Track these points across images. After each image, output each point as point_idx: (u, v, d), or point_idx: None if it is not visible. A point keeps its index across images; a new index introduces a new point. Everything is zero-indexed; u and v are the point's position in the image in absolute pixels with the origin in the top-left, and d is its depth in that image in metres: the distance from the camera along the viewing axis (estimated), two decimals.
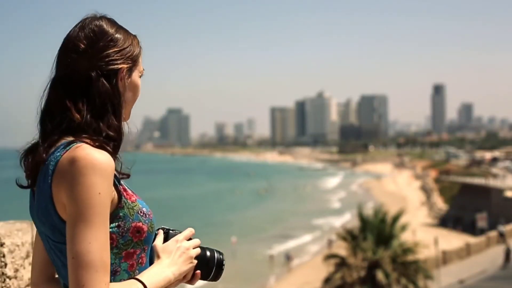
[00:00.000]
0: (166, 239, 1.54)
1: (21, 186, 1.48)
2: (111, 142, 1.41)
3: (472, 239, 38.14)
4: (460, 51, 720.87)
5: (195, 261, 1.53)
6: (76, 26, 1.48)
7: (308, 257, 40.47)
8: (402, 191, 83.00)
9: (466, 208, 51.92)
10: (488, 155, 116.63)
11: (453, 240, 40.72)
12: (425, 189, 78.26)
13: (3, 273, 2.33)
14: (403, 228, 24.19)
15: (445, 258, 32.41)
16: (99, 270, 1.26)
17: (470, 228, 45.14)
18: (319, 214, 61.33)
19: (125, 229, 1.39)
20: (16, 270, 2.41)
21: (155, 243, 1.51)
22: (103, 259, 1.28)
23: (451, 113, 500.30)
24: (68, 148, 1.35)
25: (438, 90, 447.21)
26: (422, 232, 43.22)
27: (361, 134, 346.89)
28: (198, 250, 1.55)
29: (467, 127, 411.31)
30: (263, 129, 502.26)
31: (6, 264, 2.35)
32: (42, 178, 1.37)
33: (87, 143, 1.35)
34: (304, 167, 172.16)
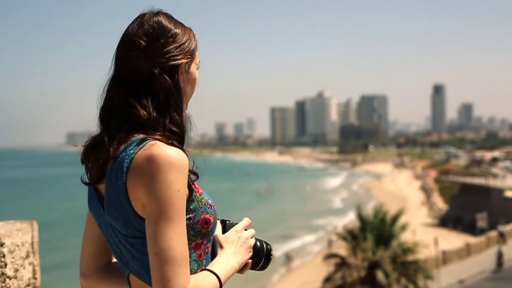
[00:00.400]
0: (224, 229, 1.57)
1: (86, 183, 1.48)
2: (176, 137, 1.43)
3: (472, 239, 38.07)
4: (460, 51, 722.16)
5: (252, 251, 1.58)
6: (134, 22, 1.48)
7: (310, 257, 40.44)
8: (402, 191, 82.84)
9: (466, 208, 51.86)
10: (488, 155, 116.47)
11: (453, 240, 40.69)
12: (425, 189, 78.21)
13: (3, 273, 2.33)
14: (403, 228, 24.16)
15: (445, 258, 32.37)
16: (181, 264, 1.30)
17: (470, 228, 45.10)
18: (320, 214, 61.24)
19: (195, 221, 1.43)
20: (16, 270, 2.41)
21: (216, 233, 1.54)
22: (184, 254, 1.32)
23: (451, 113, 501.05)
24: (142, 145, 1.36)
25: (438, 90, 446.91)
26: (422, 232, 43.17)
27: (361, 134, 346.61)
28: (254, 240, 1.59)
29: (467, 127, 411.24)
30: (263, 129, 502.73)
31: (6, 264, 2.35)
32: (115, 175, 1.37)
33: (159, 140, 1.37)
34: (305, 167, 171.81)
